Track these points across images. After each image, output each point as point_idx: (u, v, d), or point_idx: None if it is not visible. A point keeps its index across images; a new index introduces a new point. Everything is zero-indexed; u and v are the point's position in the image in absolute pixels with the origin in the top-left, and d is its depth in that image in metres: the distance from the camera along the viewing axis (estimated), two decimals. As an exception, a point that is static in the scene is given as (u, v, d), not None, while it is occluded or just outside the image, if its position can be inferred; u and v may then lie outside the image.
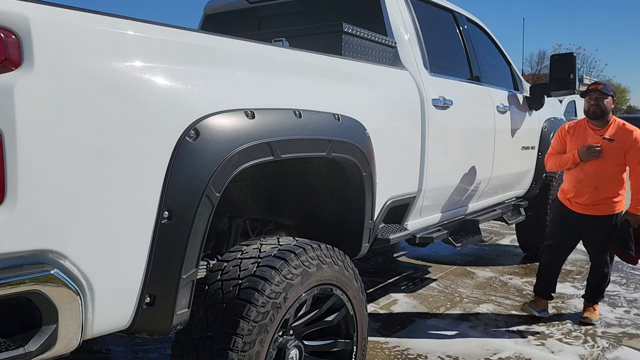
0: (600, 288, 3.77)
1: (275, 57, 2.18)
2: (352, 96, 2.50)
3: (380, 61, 3.02)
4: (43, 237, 1.34)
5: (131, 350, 3.16)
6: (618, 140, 3.51)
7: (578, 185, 3.64)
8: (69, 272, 1.39)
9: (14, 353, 1.31)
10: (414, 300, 4.09)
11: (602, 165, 3.54)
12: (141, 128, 1.53)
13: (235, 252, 2.02)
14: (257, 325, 1.79)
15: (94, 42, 1.45)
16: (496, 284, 4.55)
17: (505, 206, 4.58)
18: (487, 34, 4.56)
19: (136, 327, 1.61)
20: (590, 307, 3.77)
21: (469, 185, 3.74)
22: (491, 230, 6.64)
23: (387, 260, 5.26)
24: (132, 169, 1.51)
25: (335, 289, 2.16)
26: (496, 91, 4.17)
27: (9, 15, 1.28)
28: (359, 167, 2.38)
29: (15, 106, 1.25)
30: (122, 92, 1.49)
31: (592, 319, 3.68)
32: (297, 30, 3.01)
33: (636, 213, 3.51)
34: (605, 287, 3.78)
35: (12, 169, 1.27)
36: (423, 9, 3.52)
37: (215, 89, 1.77)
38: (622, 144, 3.50)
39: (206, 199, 1.66)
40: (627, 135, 3.50)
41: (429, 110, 3.11)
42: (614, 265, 5.07)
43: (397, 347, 3.24)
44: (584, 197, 3.61)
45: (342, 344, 2.26)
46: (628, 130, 3.52)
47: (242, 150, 1.77)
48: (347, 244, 2.50)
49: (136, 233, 1.54)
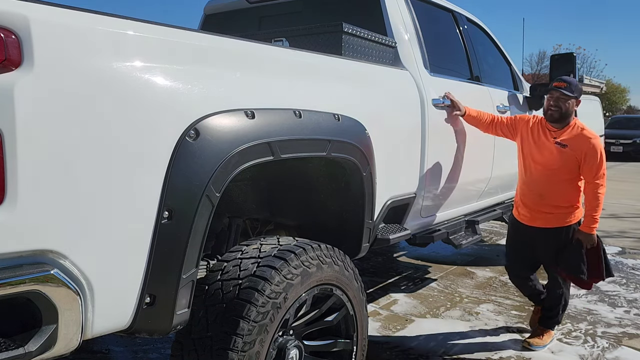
0: (553, 312, 3.30)
1: (275, 57, 2.18)
2: (352, 96, 2.50)
3: (380, 61, 3.02)
4: (43, 237, 1.34)
5: (131, 350, 3.16)
6: (572, 146, 3.05)
7: (523, 188, 3.28)
8: (69, 272, 1.39)
9: (14, 353, 1.31)
10: (414, 300, 4.09)
11: (550, 171, 3.12)
12: (141, 128, 1.53)
13: (235, 252, 2.02)
14: (257, 325, 1.79)
15: (94, 42, 1.45)
16: (496, 284, 4.55)
17: (505, 206, 4.57)
18: (487, 34, 4.56)
19: (136, 327, 1.61)
20: (541, 331, 3.31)
21: (469, 185, 3.74)
22: (491, 230, 6.64)
23: (387, 260, 5.26)
24: (132, 169, 1.51)
25: (335, 289, 2.16)
26: (496, 91, 4.17)
27: (9, 15, 1.28)
28: (359, 167, 2.38)
29: (15, 106, 1.25)
30: (122, 92, 1.49)
31: (535, 345, 3.22)
32: (297, 30, 3.01)
33: (589, 232, 3.05)
34: (560, 312, 3.32)
35: (12, 169, 1.27)
36: (423, 9, 3.52)
37: (215, 89, 1.77)
38: (576, 151, 3.04)
39: (206, 199, 1.66)
40: (584, 142, 3.04)
41: (429, 110, 3.11)
42: (614, 266, 5.08)
43: (398, 347, 3.24)
44: (528, 203, 3.23)
45: (342, 344, 2.26)
46: (586, 137, 3.05)
47: (242, 150, 1.77)
48: (347, 244, 2.50)
49: (136, 233, 1.54)
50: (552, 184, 3.13)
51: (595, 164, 3.03)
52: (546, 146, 3.16)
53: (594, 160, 3.03)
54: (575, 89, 3.10)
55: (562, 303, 3.31)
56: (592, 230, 3.06)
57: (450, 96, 3.32)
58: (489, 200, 4.31)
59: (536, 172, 3.19)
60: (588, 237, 3.08)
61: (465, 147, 3.60)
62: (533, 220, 3.23)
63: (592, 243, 3.10)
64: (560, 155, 3.10)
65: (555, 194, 3.13)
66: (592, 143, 3.04)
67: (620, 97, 43.87)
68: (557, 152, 3.11)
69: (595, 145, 3.05)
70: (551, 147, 3.13)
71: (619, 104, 43.47)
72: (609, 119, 22.33)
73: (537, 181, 3.19)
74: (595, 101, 6.34)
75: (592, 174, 3.04)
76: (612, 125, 19.71)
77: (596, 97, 6.87)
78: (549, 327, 3.33)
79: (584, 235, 3.09)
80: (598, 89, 22.19)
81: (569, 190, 3.13)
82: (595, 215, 3.04)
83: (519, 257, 3.41)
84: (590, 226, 3.06)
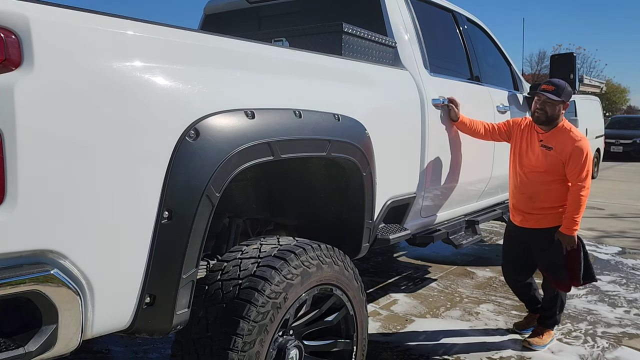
0: (551, 311, 3.30)
1: (275, 57, 2.18)
2: (352, 96, 2.51)
3: (380, 61, 3.02)
4: (43, 237, 1.34)
5: (131, 350, 3.16)
6: (558, 148, 3.05)
7: (514, 191, 3.30)
8: (69, 272, 1.39)
9: (14, 353, 1.31)
10: (414, 300, 4.09)
11: (538, 174, 3.14)
12: (141, 128, 1.53)
13: (235, 252, 2.02)
14: (257, 325, 1.79)
15: (94, 42, 1.45)
16: (496, 284, 4.55)
17: (505, 206, 4.57)
18: (487, 34, 4.56)
19: (136, 327, 1.61)
20: (541, 330, 3.32)
21: (469, 185, 3.74)
22: (491, 230, 6.64)
23: (387, 260, 5.26)
24: (132, 169, 1.51)
25: (335, 289, 2.16)
26: (496, 91, 4.17)
27: (9, 15, 1.28)
28: (359, 167, 2.38)
29: (15, 106, 1.25)
30: (122, 92, 1.49)
31: (535, 345, 3.23)
32: (297, 30, 3.01)
33: (569, 234, 3.03)
34: (557, 312, 3.31)
35: (12, 169, 1.27)
36: (423, 9, 3.52)
37: (215, 89, 1.77)
38: (561, 153, 3.04)
39: (206, 198, 1.66)
40: (569, 144, 3.03)
41: (429, 110, 3.11)
42: (614, 266, 5.08)
43: (398, 348, 3.24)
44: (519, 206, 3.26)
45: (342, 344, 2.26)
46: (571, 139, 3.04)
47: (242, 150, 1.77)
48: (347, 244, 2.50)
49: (136, 233, 1.54)
50: (540, 185, 3.14)
51: (579, 166, 3.00)
52: (533, 149, 3.17)
53: (578, 162, 3.00)
54: (563, 92, 3.06)
55: (557, 303, 3.30)
56: (573, 232, 3.04)
57: (452, 102, 3.32)
58: (489, 200, 4.31)
59: (524, 175, 3.22)
60: (568, 238, 3.05)
61: (465, 147, 3.60)
62: (525, 222, 3.25)
63: (572, 245, 3.07)
64: (545, 158, 3.11)
65: (545, 195, 3.14)
66: (577, 145, 3.02)
67: (620, 97, 43.85)
68: (543, 155, 3.12)
69: (581, 146, 3.02)
70: (537, 150, 3.15)
71: (619, 104, 43.45)
72: (609, 119, 22.34)
73: (526, 183, 3.21)
74: (595, 101, 6.36)
75: (575, 175, 3.02)
76: (612, 125, 19.72)
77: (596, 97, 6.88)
78: (548, 327, 3.33)
79: (563, 236, 3.06)
80: (598, 89, 22.16)
81: (559, 192, 3.12)
82: (577, 217, 3.02)
83: (512, 258, 3.43)
84: (570, 228, 3.03)
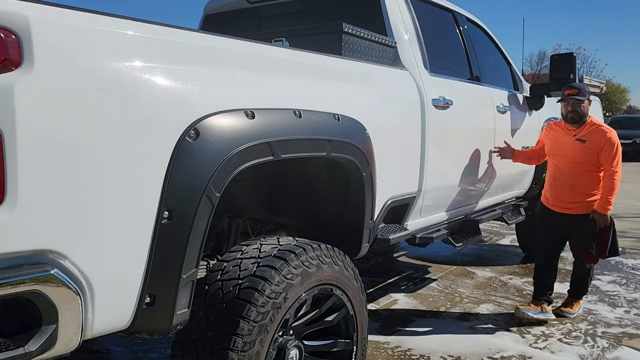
0: (582, 282, 3.81)
1: (275, 57, 2.18)
2: (352, 96, 2.51)
3: (380, 61, 3.02)
4: (43, 237, 1.34)
5: (131, 350, 3.16)
6: (591, 141, 3.54)
7: (554, 183, 3.74)
8: (69, 272, 1.39)
9: (14, 353, 1.31)
10: (414, 300, 4.09)
11: (576, 165, 3.61)
12: (141, 128, 1.53)
13: (235, 252, 2.02)
14: (257, 325, 1.79)
15: (94, 42, 1.45)
16: (496, 284, 4.55)
17: (505, 206, 4.58)
18: (487, 34, 4.56)
19: (136, 327, 1.61)
20: (571, 300, 3.83)
21: (469, 185, 3.74)
22: (491, 230, 6.64)
23: (387, 260, 5.26)
24: (132, 169, 1.51)
25: (335, 289, 2.16)
26: (496, 91, 4.17)
27: (9, 15, 1.28)
28: (359, 167, 2.38)
29: (15, 106, 1.25)
30: (122, 92, 1.49)
31: (568, 313, 3.73)
32: (297, 30, 3.01)
33: (603, 213, 3.51)
34: (588, 283, 3.82)
35: (12, 169, 1.27)
36: (423, 9, 3.52)
37: (215, 89, 1.77)
38: (594, 144, 3.53)
39: (206, 198, 1.66)
40: (601, 135, 3.53)
41: (429, 110, 3.10)
42: (614, 266, 5.09)
43: (399, 348, 3.24)
44: (561, 196, 3.69)
45: (342, 344, 2.26)
46: (602, 131, 3.55)
47: (242, 150, 1.77)
48: (347, 244, 2.50)
49: (136, 233, 1.54)
50: (579, 175, 3.61)
51: (611, 154, 3.49)
52: (569, 144, 3.64)
53: (610, 151, 3.49)
54: (585, 92, 3.59)
55: (590, 276, 3.80)
56: (606, 211, 3.49)
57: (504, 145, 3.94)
58: (489, 200, 4.30)
59: (564, 167, 3.68)
60: (602, 217, 3.51)
61: (465, 147, 3.60)
62: (566, 209, 3.68)
63: (605, 223, 3.52)
64: (581, 150, 3.57)
65: (584, 183, 3.59)
66: (608, 136, 3.52)
67: (620, 97, 43.84)
68: (579, 147, 3.58)
69: (611, 137, 3.52)
70: (573, 144, 3.61)
71: (619, 104, 43.43)
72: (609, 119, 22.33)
73: (566, 174, 3.66)
74: (595, 101, 6.35)
75: (608, 162, 3.49)
76: (612, 125, 19.42)
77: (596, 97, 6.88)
78: (579, 298, 3.83)
79: (598, 215, 3.52)
80: (598, 89, 22.21)
81: (595, 179, 3.58)
82: (610, 198, 3.49)
83: (548, 239, 3.81)
84: (604, 207, 3.49)
